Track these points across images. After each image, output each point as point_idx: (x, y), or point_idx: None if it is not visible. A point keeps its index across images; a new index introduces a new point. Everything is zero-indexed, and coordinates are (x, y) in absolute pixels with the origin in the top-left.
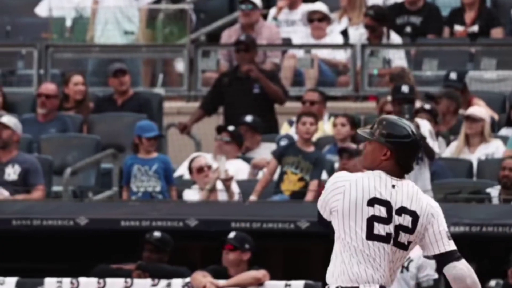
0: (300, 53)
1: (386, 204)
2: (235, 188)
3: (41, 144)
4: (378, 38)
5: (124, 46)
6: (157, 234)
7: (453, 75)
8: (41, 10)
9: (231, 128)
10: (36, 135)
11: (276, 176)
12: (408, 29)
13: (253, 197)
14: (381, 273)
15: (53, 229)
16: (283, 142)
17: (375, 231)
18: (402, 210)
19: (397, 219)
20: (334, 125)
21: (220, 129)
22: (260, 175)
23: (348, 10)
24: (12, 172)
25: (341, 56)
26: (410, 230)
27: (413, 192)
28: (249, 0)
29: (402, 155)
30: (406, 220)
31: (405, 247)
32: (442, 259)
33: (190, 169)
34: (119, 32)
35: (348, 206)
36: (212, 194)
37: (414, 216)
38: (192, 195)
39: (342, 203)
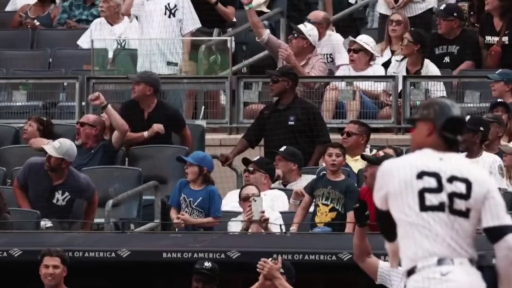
0: (342, 85)
1: (434, 175)
2: (279, 220)
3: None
4: (416, 65)
5: (166, 77)
6: (207, 264)
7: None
8: (82, 42)
9: (255, 158)
10: (79, 166)
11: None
12: (447, 59)
13: (293, 229)
14: (439, 243)
15: (94, 261)
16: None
17: (427, 202)
18: (453, 178)
19: (449, 187)
20: None
21: (245, 162)
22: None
23: (393, 42)
24: (61, 198)
25: (383, 87)
26: (465, 196)
27: (462, 162)
28: (295, 29)
29: (444, 127)
30: (459, 187)
31: (464, 214)
32: (495, 233)
33: (240, 197)
34: (162, 64)
35: (399, 185)
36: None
37: (467, 183)
38: (235, 227)
39: (393, 184)
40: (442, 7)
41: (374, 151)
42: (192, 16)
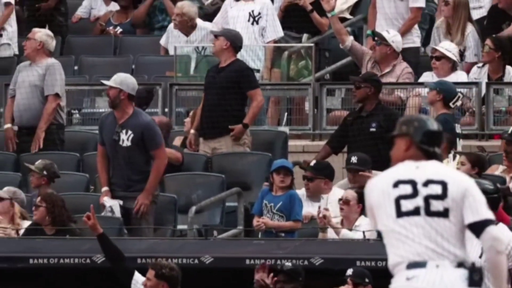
0: (425, 91)
1: (410, 182)
2: (362, 226)
3: (165, 182)
4: (497, 72)
5: None
6: (288, 263)
7: None
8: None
9: (312, 162)
10: None
11: None
12: None
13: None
14: (415, 247)
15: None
16: None
17: (403, 209)
18: (429, 182)
19: (424, 191)
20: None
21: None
22: None
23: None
24: (125, 138)
25: (467, 94)
26: (441, 196)
27: (440, 167)
28: (378, 36)
29: (422, 141)
30: (434, 189)
31: (443, 214)
32: (477, 228)
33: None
34: None
35: (378, 197)
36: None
37: (443, 184)
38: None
39: (374, 198)
40: None
41: (458, 157)
42: (274, 24)
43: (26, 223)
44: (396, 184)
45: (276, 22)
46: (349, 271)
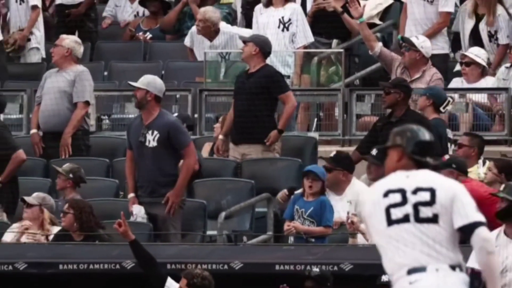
0: (455, 97)
1: (399, 191)
2: None
3: (195, 188)
4: None
5: None
6: (316, 269)
7: None
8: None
9: (331, 154)
10: None
11: None
12: None
13: None
14: (410, 253)
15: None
16: None
17: (393, 217)
18: (418, 190)
19: (413, 198)
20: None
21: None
22: None
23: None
24: (151, 138)
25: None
26: (430, 203)
27: (429, 175)
28: (407, 42)
29: (413, 151)
30: (423, 196)
31: (432, 220)
32: (467, 230)
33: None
34: None
35: (369, 207)
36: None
37: (431, 190)
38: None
39: (366, 209)
40: None
41: (487, 163)
42: (305, 29)
43: (55, 229)
44: (386, 194)
45: (306, 28)
46: (384, 278)
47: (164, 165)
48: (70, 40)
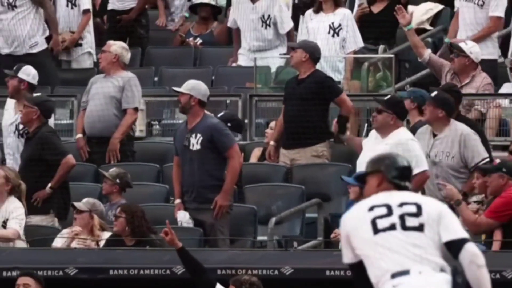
0: (505, 102)
1: (385, 205)
2: None
3: (245, 193)
4: None
5: None
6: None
7: None
8: (243, 60)
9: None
10: None
11: None
12: None
13: None
14: (395, 258)
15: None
16: None
17: (379, 226)
18: (403, 204)
19: (399, 210)
20: None
21: None
22: None
23: None
24: (194, 142)
25: None
26: (416, 214)
27: (413, 194)
28: (456, 48)
29: (394, 176)
30: (409, 209)
31: (418, 229)
32: (455, 246)
33: None
34: None
35: (353, 223)
36: None
37: (417, 205)
38: None
39: (349, 225)
40: None
41: None
42: (355, 34)
43: (106, 234)
44: (371, 208)
45: (356, 33)
46: None
47: (209, 168)
48: (117, 46)
